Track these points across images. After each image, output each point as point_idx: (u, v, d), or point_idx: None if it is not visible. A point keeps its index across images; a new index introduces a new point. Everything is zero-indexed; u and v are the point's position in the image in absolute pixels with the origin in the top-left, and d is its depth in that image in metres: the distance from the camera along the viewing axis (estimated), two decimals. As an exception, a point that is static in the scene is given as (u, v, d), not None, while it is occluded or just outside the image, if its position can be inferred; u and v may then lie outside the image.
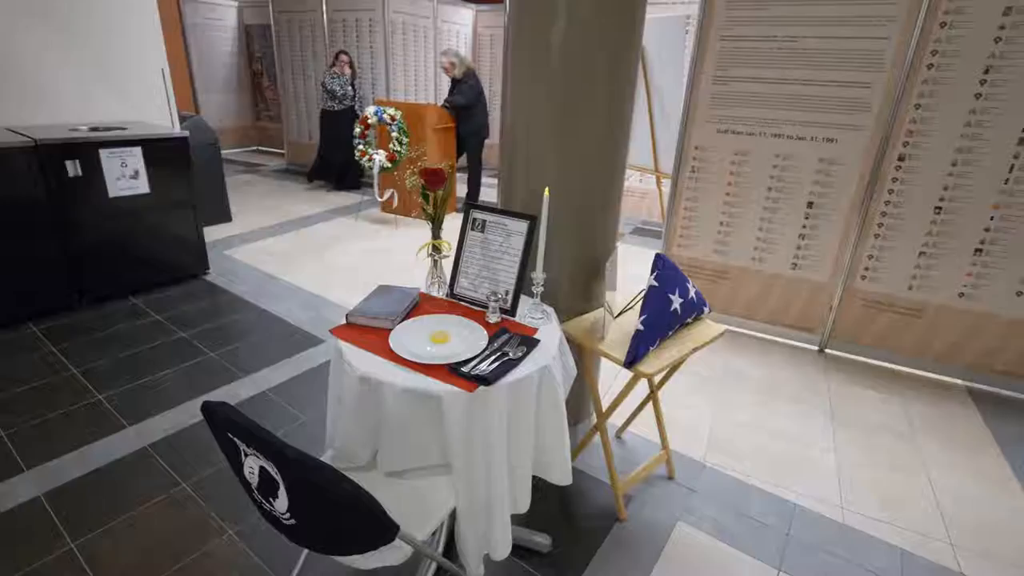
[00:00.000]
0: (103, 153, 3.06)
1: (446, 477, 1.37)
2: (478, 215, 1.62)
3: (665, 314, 1.64)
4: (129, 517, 1.76)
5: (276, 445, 0.95)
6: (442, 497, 1.31)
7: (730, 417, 2.45)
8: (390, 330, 1.44)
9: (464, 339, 1.41)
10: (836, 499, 2.01)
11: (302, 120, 7.03)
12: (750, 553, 1.76)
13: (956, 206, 2.54)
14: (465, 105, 5.07)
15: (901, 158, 2.58)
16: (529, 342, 1.41)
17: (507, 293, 1.55)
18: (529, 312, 1.58)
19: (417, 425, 1.27)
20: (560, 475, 1.50)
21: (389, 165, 4.74)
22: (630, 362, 1.56)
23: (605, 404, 1.88)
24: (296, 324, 3.13)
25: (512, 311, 1.56)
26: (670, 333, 1.70)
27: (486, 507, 1.34)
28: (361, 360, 1.31)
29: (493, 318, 1.51)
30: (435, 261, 1.67)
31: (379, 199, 5.01)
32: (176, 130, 3.44)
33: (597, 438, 1.93)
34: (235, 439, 1.03)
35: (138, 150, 3.19)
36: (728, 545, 1.79)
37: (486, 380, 1.24)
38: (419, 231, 4.98)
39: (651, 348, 1.61)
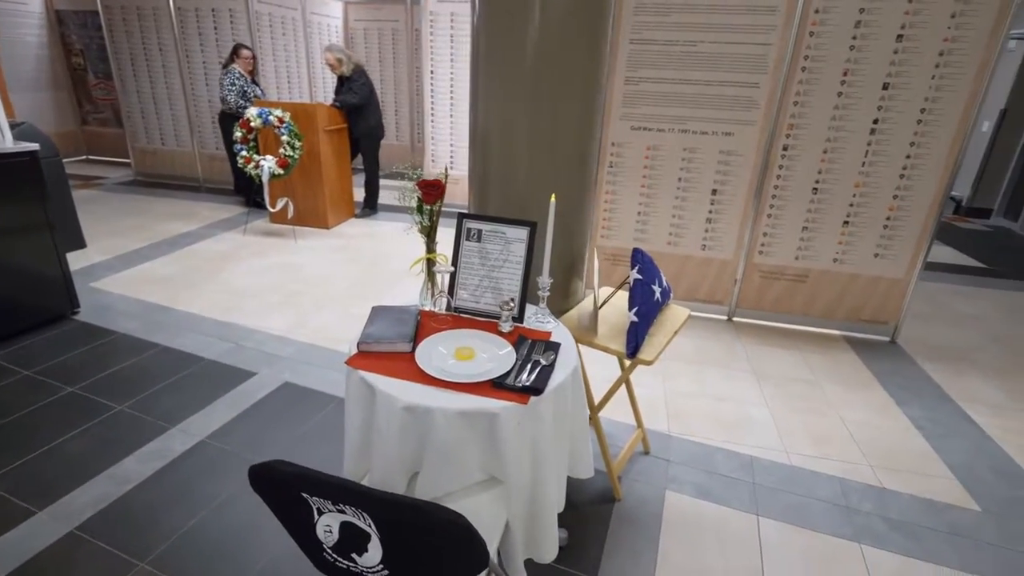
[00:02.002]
0: (-78, 176, 2.41)
1: (489, 493, 1.35)
2: (472, 225, 1.59)
3: (651, 304, 1.77)
4: (89, 616, 1.46)
5: (376, 495, 0.88)
6: (496, 513, 1.29)
7: (676, 388, 2.69)
8: (407, 353, 1.37)
9: (490, 352, 1.39)
10: (779, 446, 2.32)
11: (151, 123, 6.12)
12: (731, 506, 1.98)
13: (828, 187, 3.03)
14: (358, 104, 4.82)
15: (785, 148, 3.02)
16: (552, 346, 1.43)
17: (512, 301, 1.55)
18: (535, 317, 1.60)
19: (467, 445, 1.23)
20: (584, 469, 1.56)
21: (281, 171, 4.35)
22: (632, 352, 1.66)
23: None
24: (214, 359, 2.77)
25: (520, 318, 1.56)
26: (653, 321, 1.83)
27: (537, 514, 1.35)
28: (397, 389, 1.23)
29: (506, 327, 1.51)
30: (431, 275, 1.60)
31: (271, 209, 4.58)
32: (10, 142, 2.80)
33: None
34: (310, 498, 0.92)
35: (-29, 169, 2.57)
36: (713, 503, 1.99)
37: (537, 390, 1.24)
38: (323, 241, 4.66)
39: (645, 336, 1.73)
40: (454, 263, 1.59)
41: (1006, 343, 3.30)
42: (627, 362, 2.04)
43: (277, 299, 3.50)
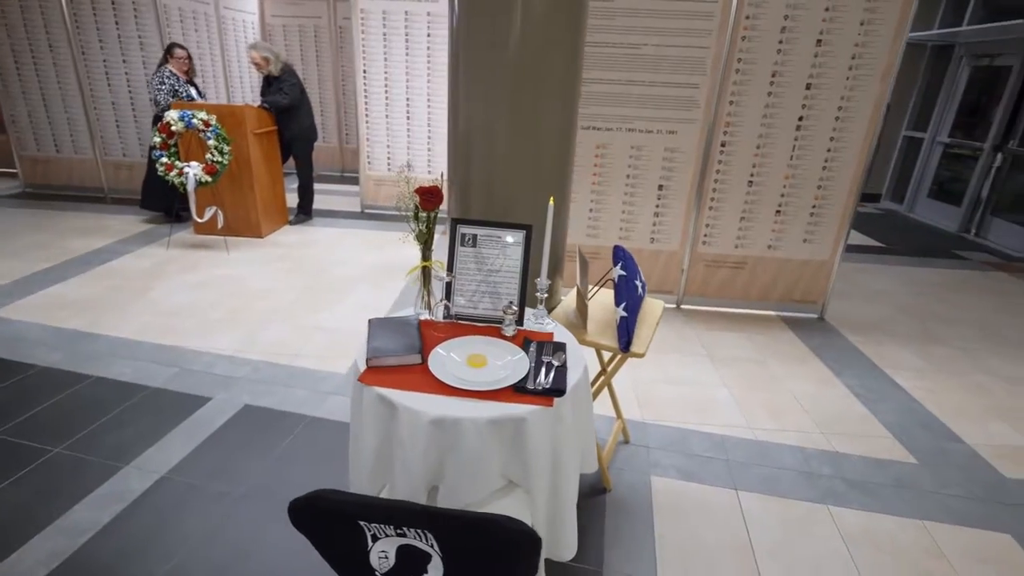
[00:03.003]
0: None
1: (510, 498, 1.34)
2: (467, 230, 1.57)
3: (635, 298, 1.84)
4: None
5: (443, 512, 0.86)
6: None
7: (642, 376, 2.81)
8: (417, 365, 1.34)
9: (502, 358, 1.39)
10: (743, 423, 2.49)
11: (42, 129, 5.45)
12: (712, 484, 2.10)
13: (761, 179, 3.28)
14: (288, 105, 4.57)
15: (723, 144, 3.23)
16: (559, 346, 1.46)
17: (513, 304, 1.55)
18: (533, 318, 1.61)
19: (492, 453, 1.23)
20: (590, 464, 1.60)
21: (209, 179, 4.04)
22: (625, 346, 1.72)
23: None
24: (159, 386, 2.54)
25: (520, 320, 1.57)
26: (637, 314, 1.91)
27: (557, 514, 1.37)
28: (419, 402, 1.20)
29: (510, 331, 1.51)
30: (427, 283, 1.57)
31: (198, 219, 4.25)
32: None
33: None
34: (368, 524, 0.89)
35: None
36: (695, 483, 2.11)
37: (559, 391, 1.26)
38: (259, 252, 4.38)
39: (633, 330, 1.79)
40: (449, 269, 1.57)
41: (913, 314, 3.74)
42: (607, 355, 2.11)
43: (218, 316, 3.26)
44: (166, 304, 3.38)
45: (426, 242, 1.51)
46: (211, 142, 3.96)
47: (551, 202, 1.48)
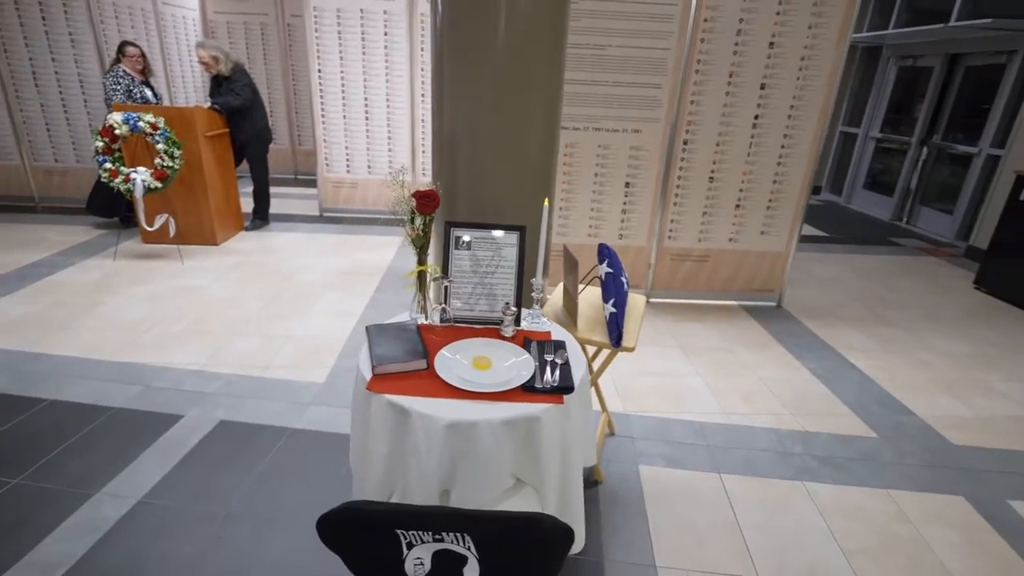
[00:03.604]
0: None
1: (519, 496, 1.36)
2: (460, 233, 1.58)
3: (622, 294, 1.89)
4: None
5: (485, 515, 0.87)
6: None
7: (619, 369, 2.88)
8: (423, 370, 1.34)
9: (507, 358, 1.40)
10: (718, 409, 2.60)
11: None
12: (696, 469, 2.19)
13: (721, 175, 3.43)
14: (240, 106, 4.38)
15: (685, 142, 3.35)
16: (559, 345, 1.48)
17: (510, 305, 1.56)
18: (529, 318, 1.63)
19: (504, 453, 1.24)
20: (590, 458, 1.63)
21: (159, 185, 3.83)
22: (617, 341, 1.77)
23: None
24: (123, 406, 2.40)
25: (517, 321, 1.59)
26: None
27: (567, 509, 1.39)
28: (432, 407, 1.20)
29: (509, 331, 1.52)
30: (423, 287, 1.56)
31: (148, 227, 4.02)
32: None
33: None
34: (405, 532, 0.88)
35: None
36: (680, 469, 2.19)
37: (568, 389, 1.29)
38: (216, 260, 4.19)
39: (623, 325, 1.84)
40: (445, 273, 1.57)
41: (860, 298, 4.01)
42: (591, 351, 2.16)
43: (180, 329, 3.10)
44: (120, 319, 3.19)
45: (422, 246, 1.50)
46: (160, 146, 3.76)
47: (546, 203, 1.51)
